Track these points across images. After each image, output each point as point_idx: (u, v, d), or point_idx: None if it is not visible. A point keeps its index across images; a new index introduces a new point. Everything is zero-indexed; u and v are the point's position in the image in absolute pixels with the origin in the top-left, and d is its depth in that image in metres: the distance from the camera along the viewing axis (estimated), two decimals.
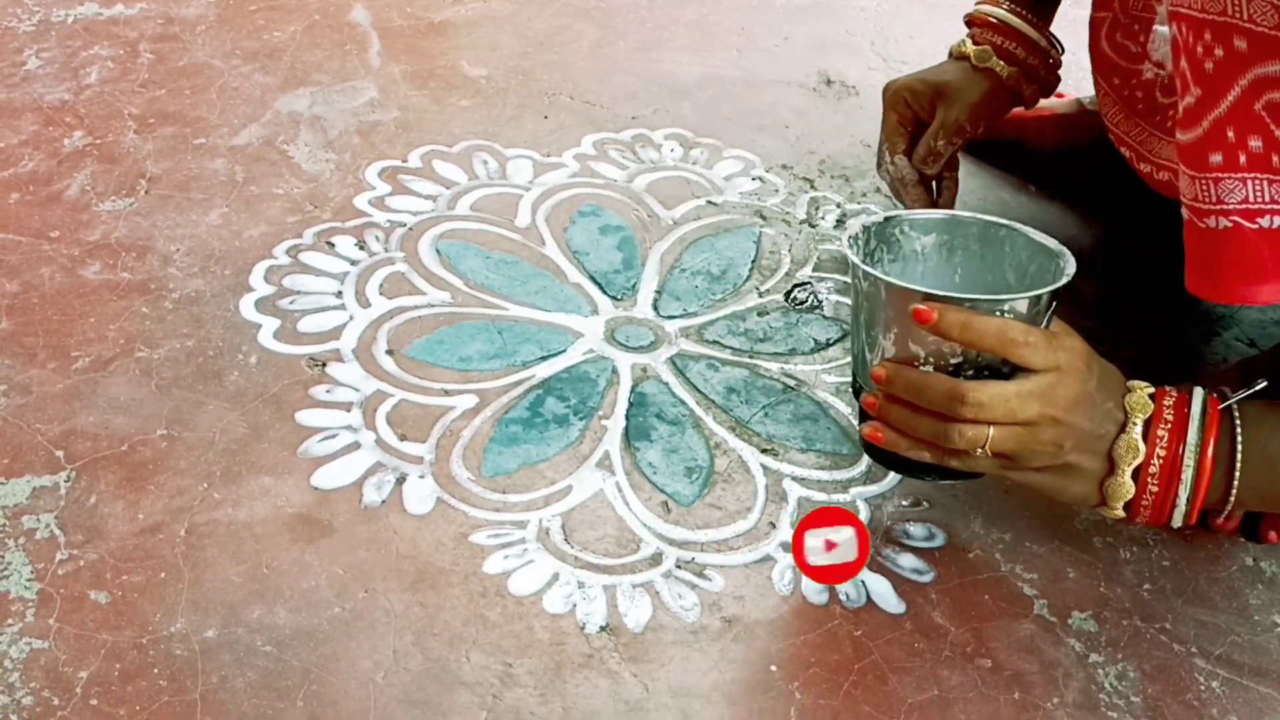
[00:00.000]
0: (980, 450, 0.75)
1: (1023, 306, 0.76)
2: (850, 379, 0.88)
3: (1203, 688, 0.78)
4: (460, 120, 1.23)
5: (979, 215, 0.87)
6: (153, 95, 1.20)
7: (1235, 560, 0.87)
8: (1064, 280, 0.78)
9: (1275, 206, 0.72)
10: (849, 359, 0.92)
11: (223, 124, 1.18)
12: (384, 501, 0.84)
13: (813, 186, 1.21)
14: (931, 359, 0.77)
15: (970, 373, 0.77)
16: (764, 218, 1.16)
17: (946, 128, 1.06)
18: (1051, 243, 0.83)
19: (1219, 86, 0.71)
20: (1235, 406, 0.77)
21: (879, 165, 1.11)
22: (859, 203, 1.19)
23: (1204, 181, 0.71)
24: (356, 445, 0.88)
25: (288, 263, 1.03)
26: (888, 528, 0.87)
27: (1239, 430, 0.76)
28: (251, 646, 0.74)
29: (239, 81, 1.24)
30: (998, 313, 0.75)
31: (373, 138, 1.19)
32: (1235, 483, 0.76)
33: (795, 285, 1.08)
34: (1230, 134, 0.71)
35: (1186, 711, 0.77)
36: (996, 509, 0.89)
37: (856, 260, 0.80)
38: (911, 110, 1.08)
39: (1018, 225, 0.85)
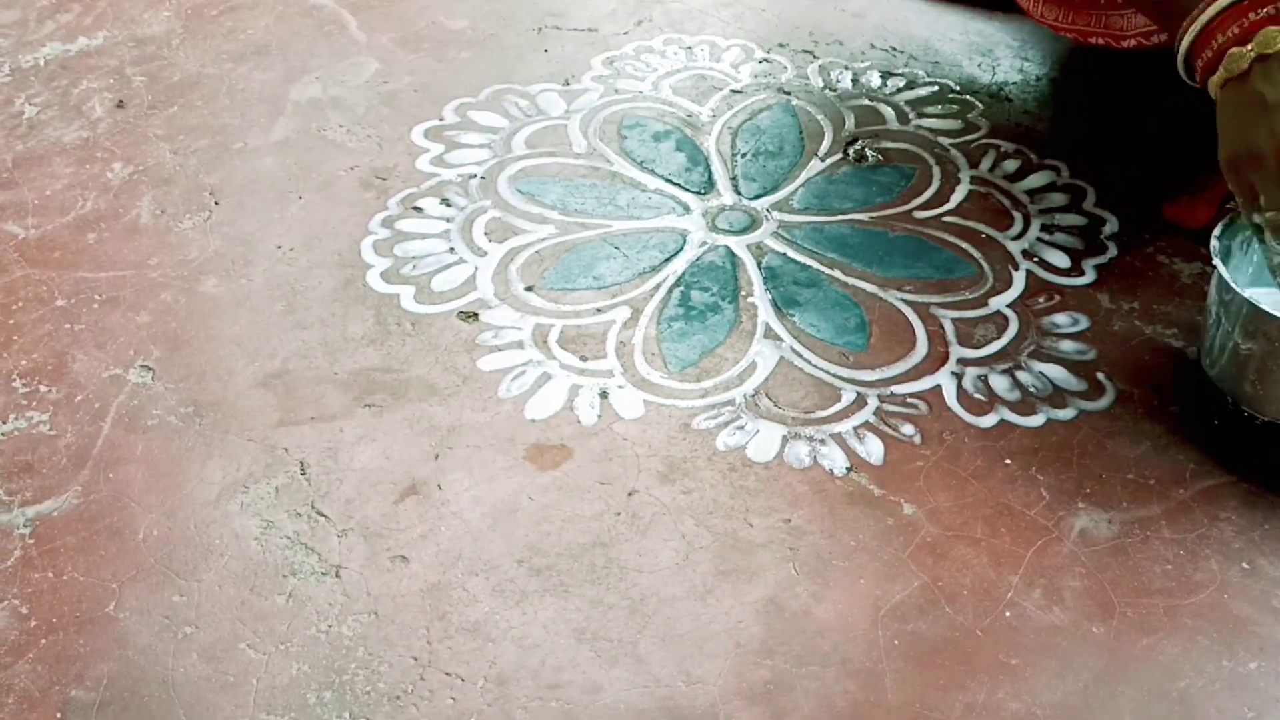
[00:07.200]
0: None
1: None
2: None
3: None
4: (470, 71, 1.25)
5: None
6: (168, 114, 1.18)
7: None
8: None
9: None
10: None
11: (251, 125, 1.17)
12: (600, 416, 0.89)
13: (814, 56, 1.27)
14: None
15: None
16: (786, 93, 1.22)
17: None
18: None
19: None
20: None
21: None
22: (861, 62, 1.26)
23: None
24: (547, 376, 0.92)
25: (388, 234, 1.05)
26: (1036, 324, 0.95)
27: None
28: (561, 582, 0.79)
29: (243, 83, 1.23)
30: None
31: (399, 105, 1.20)
32: None
33: (847, 143, 1.15)
34: None
35: None
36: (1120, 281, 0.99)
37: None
38: None
39: None
